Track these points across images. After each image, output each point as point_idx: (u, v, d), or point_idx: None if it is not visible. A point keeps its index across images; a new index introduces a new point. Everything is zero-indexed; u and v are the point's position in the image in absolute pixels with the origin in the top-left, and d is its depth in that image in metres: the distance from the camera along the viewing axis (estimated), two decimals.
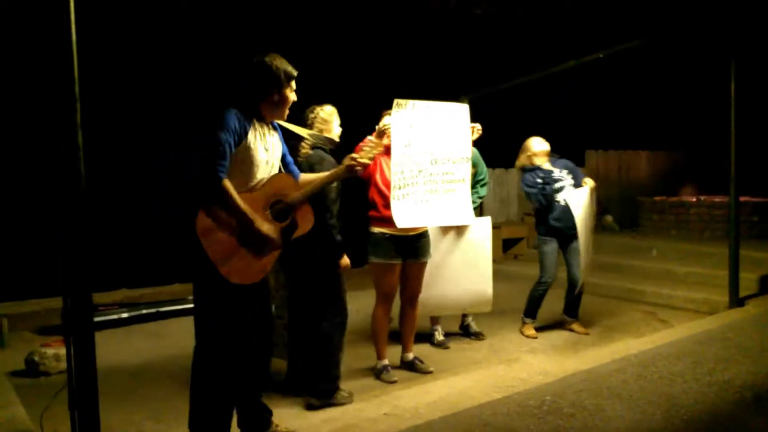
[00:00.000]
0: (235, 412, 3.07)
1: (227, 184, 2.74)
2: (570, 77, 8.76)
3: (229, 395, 2.96)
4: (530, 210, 9.96)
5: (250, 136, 2.85)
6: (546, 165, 5.26)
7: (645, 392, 3.47)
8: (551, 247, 5.27)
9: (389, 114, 4.05)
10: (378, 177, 4.16)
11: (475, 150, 4.87)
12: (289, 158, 3.22)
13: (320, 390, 3.75)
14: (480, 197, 5.08)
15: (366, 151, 3.21)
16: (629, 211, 10.03)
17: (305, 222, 3.05)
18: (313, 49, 7.51)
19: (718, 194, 9.27)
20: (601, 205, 10.07)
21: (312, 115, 3.94)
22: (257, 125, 2.92)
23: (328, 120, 3.94)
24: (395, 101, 3.94)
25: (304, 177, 3.22)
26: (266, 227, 2.86)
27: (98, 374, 2.55)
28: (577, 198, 5.01)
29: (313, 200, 3.14)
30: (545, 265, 5.28)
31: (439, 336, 5.10)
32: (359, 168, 3.18)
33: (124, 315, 5.87)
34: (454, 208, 4.26)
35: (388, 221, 4.04)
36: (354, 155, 3.18)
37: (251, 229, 2.81)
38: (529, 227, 9.46)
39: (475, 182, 4.90)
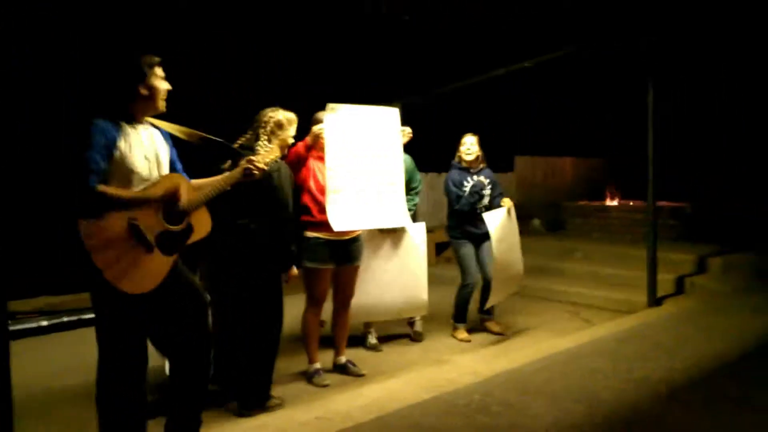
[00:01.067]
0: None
1: (103, 188, 2.58)
2: (500, 84, 8.99)
3: (135, 412, 2.82)
4: None
5: (121, 144, 2.67)
6: (476, 176, 5.36)
7: (568, 389, 3.59)
8: (468, 249, 5.35)
9: (321, 116, 4.05)
10: (311, 183, 4.14)
11: (408, 158, 4.93)
12: (179, 165, 3.04)
13: (252, 399, 3.71)
14: (414, 205, 5.13)
15: (262, 155, 3.17)
16: (555, 214, 10.35)
17: (201, 225, 2.90)
18: (249, 52, 7.44)
19: (637, 199, 9.69)
20: (526, 209, 10.36)
21: (270, 116, 3.77)
22: (128, 130, 2.74)
23: (286, 127, 3.78)
24: (327, 105, 3.97)
25: (195, 182, 3.03)
26: (161, 189, 2.72)
27: (12, 389, 2.44)
28: (494, 218, 5.11)
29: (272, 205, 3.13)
30: (465, 267, 5.35)
31: (372, 339, 5.12)
32: (256, 172, 3.06)
33: (44, 323, 5.62)
34: (389, 210, 4.31)
35: (322, 226, 4.04)
36: (251, 157, 3.09)
37: (148, 201, 2.67)
38: None
39: (409, 190, 4.94)
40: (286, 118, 3.80)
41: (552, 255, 8.39)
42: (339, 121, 4.03)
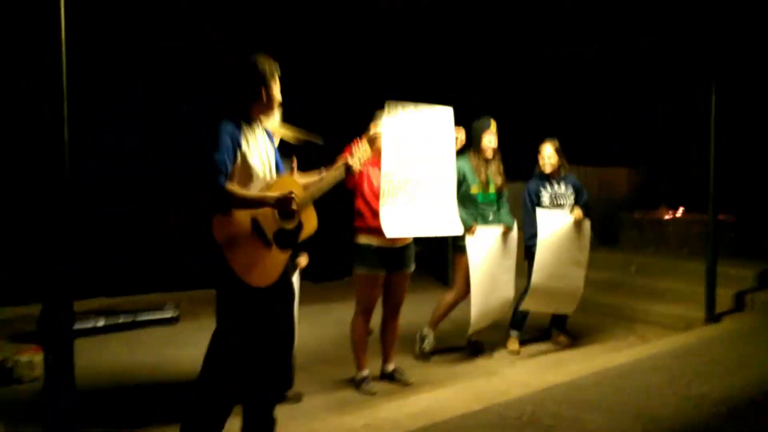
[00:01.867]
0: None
1: (231, 187, 2.75)
2: (553, 90, 8.87)
3: (232, 400, 2.94)
4: None
5: (243, 145, 2.85)
6: (556, 184, 5.28)
7: (623, 405, 3.49)
8: None
9: (380, 116, 4.02)
10: (366, 187, 4.12)
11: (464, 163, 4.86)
12: (281, 165, 3.19)
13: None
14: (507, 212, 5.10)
15: (358, 156, 3.28)
16: (609, 226, 10.12)
17: (309, 223, 3.07)
18: (302, 49, 7.49)
19: (695, 211, 9.40)
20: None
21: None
22: (247, 131, 2.91)
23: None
24: (387, 103, 3.92)
25: (302, 181, 3.20)
26: (278, 194, 2.85)
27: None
28: (550, 220, 4.98)
29: None
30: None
31: (426, 346, 4.97)
32: (356, 171, 3.26)
33: (101, 323, 5.78)
34: (442, 218, 4.26)
35: (375, 232, 4.02)
36: (349, 157, 3.24)
37: (268, 203, 2.82)
38: None
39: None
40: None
41: (606, 268, 8.20)
42: (396, 123, 3.97)
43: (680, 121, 10.71)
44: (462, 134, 4.57)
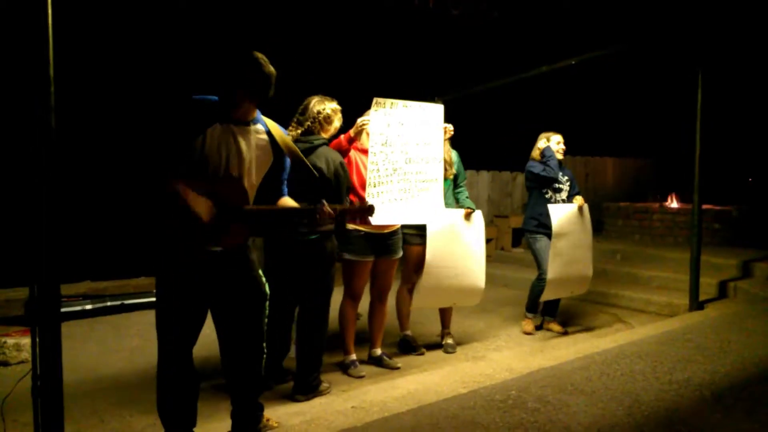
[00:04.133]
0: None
1: (176, 183, 2.56)
2: (541, 82, 8.91)
3: (186, 387, 2.87)
4: (500, 212, 10.12)
5: (207, 142, 2.62)
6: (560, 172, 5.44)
7: (608, 389, 3.54)
8: (543, 242, 5.33)
9: (367, 115, 4.06)
10: (354, 176, 4.16)
11: (455, 153, 4.87)
12: (285, 176, 2.97)
13: (306, 384, 3.79)
14: (467, 197, 5.01)
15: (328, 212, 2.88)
16: (595, 215, 10.20)
17: (237, 234, 2.73)
18: (291, 47, 7.50)
19: (681, 201, 9.50)
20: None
21: (318, 110, 3.81)
22: (218, 129, 2.66)
23: (333, 119, 3.89)
24: (375, 100, 3.95)
25: (283, 200, 2.98)
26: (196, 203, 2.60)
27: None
28: (560, 211, 5.12)
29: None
30: (541, 261, 5.33)
31: (411, 342, 4.88)
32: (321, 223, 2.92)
33: (88, 306, 5.78)
34: (427, 207, 4.30)
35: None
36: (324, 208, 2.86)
37: (197, 219, 2.59)
38: (497, 229, 9.59)
39: (456, 185, 4.92)
40: (332, 109, 3.87)
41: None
42: (384, 116, 4.03)
43: (668, 112, 10.80)
44: (451, 126, 4.60)
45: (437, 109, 4.40)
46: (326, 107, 3.84)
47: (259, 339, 2.97)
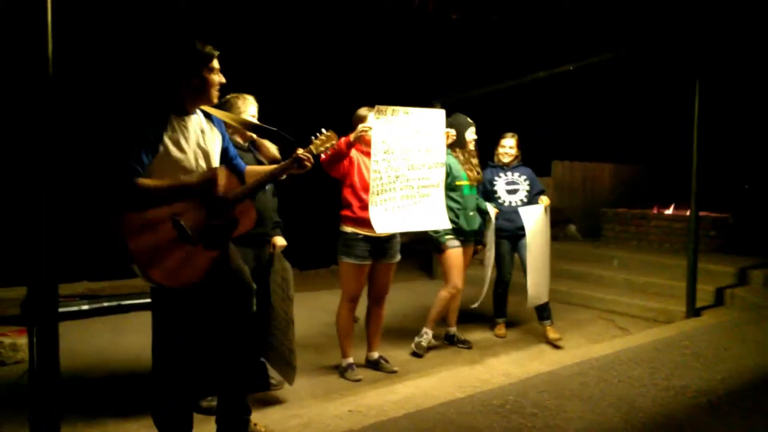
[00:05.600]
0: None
1: (142, 180, 2.54)
2: (540, 87, 8.93)
3: (185, 392, 2.84)
4: None
5: (167, 140, 2.63)
6: (510, 173, 5.45)
7: (605, 395, 3.54)
8: (504, 247, 5.36)
9: (362, 112, 4.06)
10: (356, 178, 4.13)
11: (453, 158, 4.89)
12: (233, 151, 3.01)
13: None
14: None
15: (317, 144, 3.06)
16: (592, 221, 10.23)
17: (247, 219, 2.84)
18: (291, 48, 7.51)
19: (677, 208, 9.52)
20: (563, 215, 10.24)
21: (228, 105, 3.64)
22: (176, 123, 2.68)
23: (243, 110, 3.63)
24: (376, 108, 3.92)
25: (251, 169, 3.03)
26: (198, 176, 2.64)
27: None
28: (530, 213, 5.12)
29: None
30: (499, 265, 5.43)
31: (423, 342, 4.88)
32: (307, 163, 2.96)
33: (85, 307, 5.76)
34: (430, 213, 4.29)
35: (362, 222, 4.05)
36: (302, 149, 2.99)
37: (188, 188, 2.61)
38: None
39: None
40: (244, 100, 3.67)
41: (589, 262, 8.29)
42: (386, 124, 3.99)
43: (667, 120, 10.82)
44: (453, 131, 4.67)
45: (438, 115, 4.38)
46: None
47: (246, 333, 2.93)
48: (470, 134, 4.99)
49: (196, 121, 2.80)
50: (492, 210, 5.19)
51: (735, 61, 8.32)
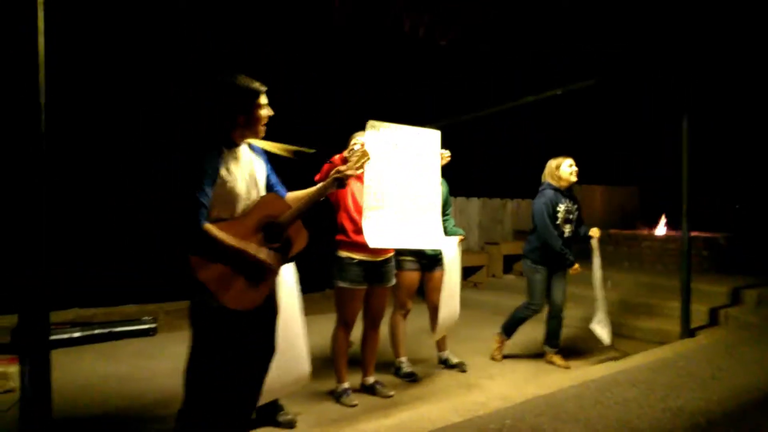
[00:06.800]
0: None
1: (209, 227, 2.65)
2: (529, 110, 9.01)
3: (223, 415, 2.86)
4: (491, 239, 10.11)
5: (223, 172, 2.74)
6: (567, 199, 5.28)
7: (602, 417, 3.52)
8: (541, 275, 5.20)
9: (359, 135, 4.07)
10: (349, 201, 4.13)
11: (444, 182, 4.87)
12: (274, 178, 3.11)
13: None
14: (454, 225, 5.10)
15: (353, 162, 3.13)
16: (584, 242, 10.24)
17: (300, 238, 2.98)
18: (282, 73, 7.56)
19: (668, 229, 9.57)
20: None
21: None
22: (228, 156, 2.80)
23: None
24: (369, 122, 3.93)
25: (291, 194, 3.12)
26: (262, 253, 2.75)
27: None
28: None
29: None
30: (534, 292, 5.21)
31: (405, 368, 4.90)
32: (346, 181, 3.09)
33: (77, 334, 5.70)
34: (425, 231, 4.28)
35: (358, 246, 4.04)
36: (341, 167, 3.08)
37: (246, 258, 2.71)
38: (488, 256, 9.57)
39: (443, 214, 4.89)
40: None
41: (582, 283, 8.28)
42: (379, 139, 3.99)
43: (654, 140, 10.93)
44: (447, 152, 4.70)
45: (434, 135, 4.40)
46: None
47: (270, 356, 3.02)
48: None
49: (244, 151, 2.91)
50: (456, 238, 4.94)
51: (723, 88, 8.46)
